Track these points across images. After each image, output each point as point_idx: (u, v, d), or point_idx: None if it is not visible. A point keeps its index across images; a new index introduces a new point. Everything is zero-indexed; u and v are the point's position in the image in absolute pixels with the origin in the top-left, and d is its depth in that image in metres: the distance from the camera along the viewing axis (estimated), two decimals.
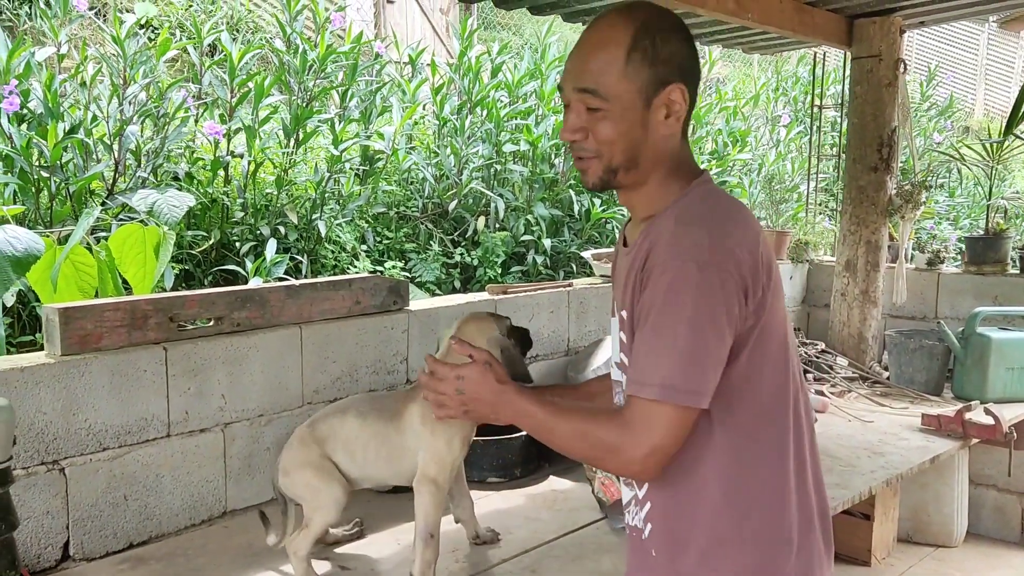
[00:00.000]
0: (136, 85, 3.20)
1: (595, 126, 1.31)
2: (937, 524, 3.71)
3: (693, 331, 1.21)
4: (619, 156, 1.32)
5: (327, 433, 1.88)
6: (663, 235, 1.27)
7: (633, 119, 1.30)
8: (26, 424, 1.85)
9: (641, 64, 1.28)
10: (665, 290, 1.22)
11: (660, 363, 1.22)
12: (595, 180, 1.35)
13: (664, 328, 1.22)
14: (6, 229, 2.18)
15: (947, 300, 3.98)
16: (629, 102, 1.29)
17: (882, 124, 3.72)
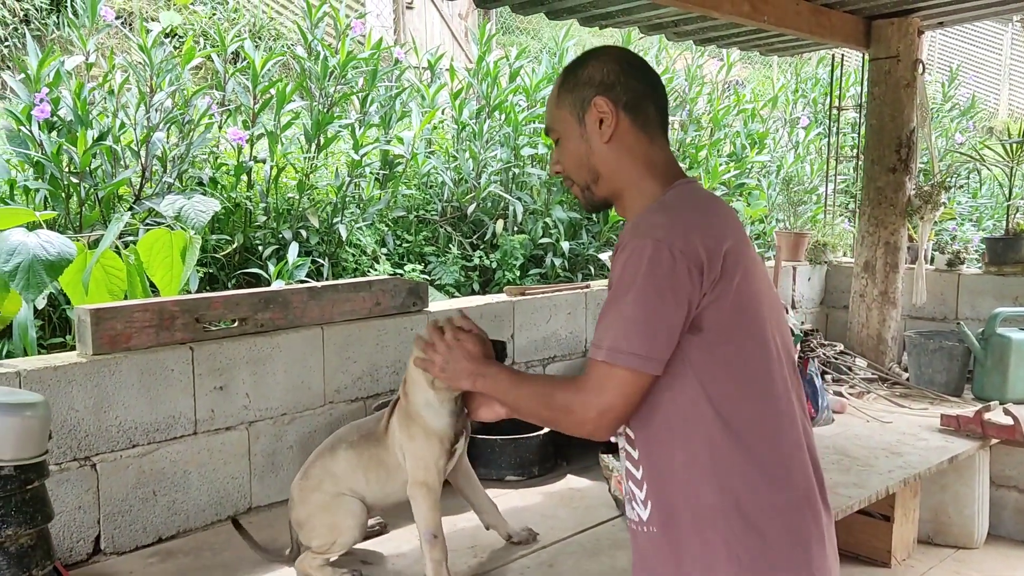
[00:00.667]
0: (162, 93, 3.27)
1: (560, 155, 1.55)
2: (958, 525, 3.70)
3: (642, 299, 1.31)
4: (582, 173, 1.52)
5: (323, 475, 1.89)
6: (631, 224, 1.40)
7: (575, 136, 1.50)
8: (59, 421, 1.91)
9: (566, 92, 1.51)
10: (622, 265, 1.34)
11: (610, 329, 1.34)
12: (583, 201, 1.57)
13: (617, 298, 1.34)
14: (39, 234, 2.25)
15: (967, 301, 3.97)
16: (568, 124, 1.51)
17: (900, 125, 3.73)
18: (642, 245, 1.32)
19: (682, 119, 5.28)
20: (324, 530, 1.86)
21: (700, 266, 1.32)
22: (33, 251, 2.17)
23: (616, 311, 1.34)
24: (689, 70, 5.39)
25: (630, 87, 1.48)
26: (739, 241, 1.40)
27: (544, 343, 3.05)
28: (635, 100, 1.47)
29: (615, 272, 1.36)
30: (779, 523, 1.37)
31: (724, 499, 1.35)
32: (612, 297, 1.35)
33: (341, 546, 1.86)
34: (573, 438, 2.48)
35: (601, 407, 1.35)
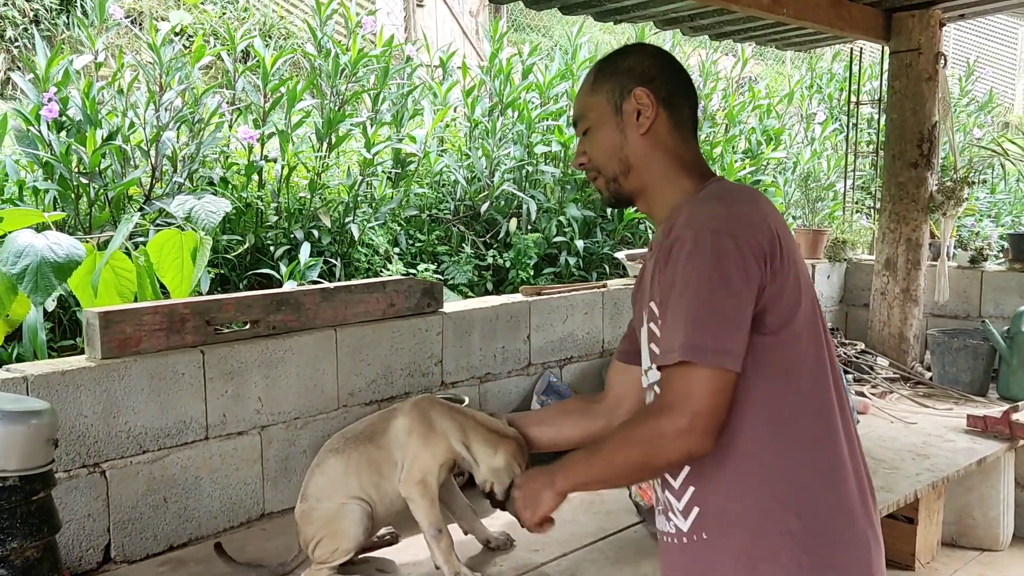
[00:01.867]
0: (172, 91, 3.23)
1: (588, 146, 1.50)
2: (983, 527, 3.62)
3: (714, 292, 1.24)
4: (613, 164, 1.47)
5: (318, 493, 1.85)
6: (680, 218, 1.33)
7: (610, 125, 1.47)
8: (67, 427, 1.87)
9: (603, 80, 1.48)
10: (684, 262, 1.27)
11: (682, 327, 1.25)
12: (607, 195, 1.52)
13: (685, 295, 1.26)
14: (48, 235, 2.21)
15: (991, 298, 3.89)
16: (602, 111, 1.47)
17: (922, 119, 3.65)
18: (704, 237, 1.26)
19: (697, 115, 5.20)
20: (326, 540, 1.82)
21: (764, 257, 1.27)
22: (41, 253, 2.13)
23: (686, 307, 1.25)
24: (703, 66, 5.32)
25: (669, 83, 1.46)
26: (788, 235, 1.36)
27: (561, 344, 2.99)
28: (672, 97, 1.46)
29: (676, 267, 1.27)
30: (836, 523, 1.32)
31: (779, 503, 1.30)
32: (678, 293, 1.27)
33: (343, 552, 1.81)
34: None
35: (692, 412, 1.24)
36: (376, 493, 1.85)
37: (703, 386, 1.24)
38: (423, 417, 1.83)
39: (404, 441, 1.83)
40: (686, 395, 1.24)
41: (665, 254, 1.31)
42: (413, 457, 1.82)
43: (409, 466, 1.82)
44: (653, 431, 1.28)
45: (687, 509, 1.37)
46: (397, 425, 1.85)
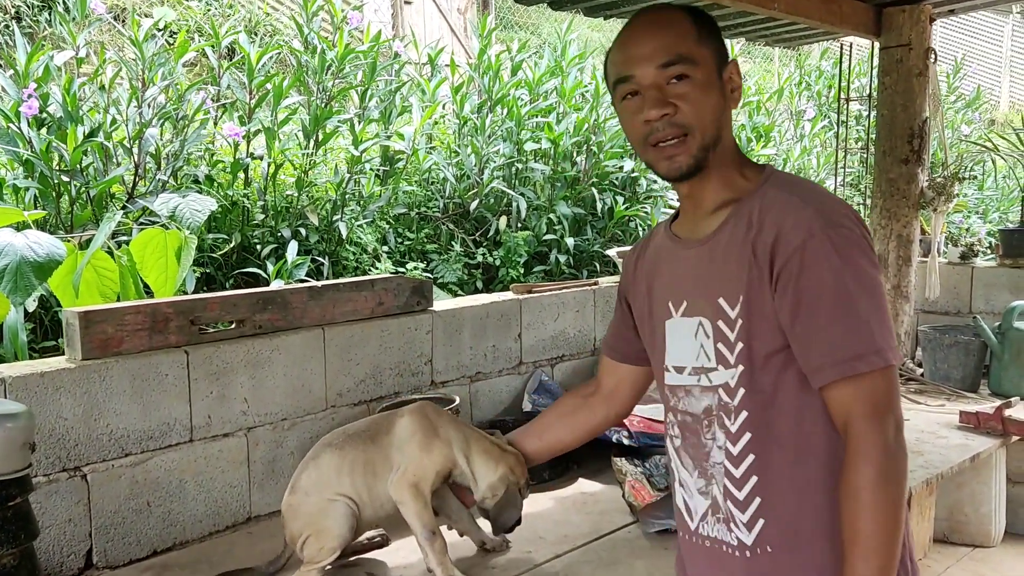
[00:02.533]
0: (155, 88, 3.18)
1: (685, 96, 1.27)
2: (974, 524, 3.61)
3: (873, 289, 1.21)
4: (710, 128, 1.30)
5: (309, 486, 1.82)
6: (790, 214, 1.24)
7: (715, 86, 1.30)
8: (47, 430, 1.82)
9: (709, 35, 1.31)
10: (840, 264, 1.19)
11: (863, 331, 1.19)
12: (689, 162, 1.30)
13: (851, 297, 1.19)
14: (27, 234, 2.15)
15: (981, 294, 3.88)
16: (710, 67, 1.30)
17: (913, 115, 3.64)
18: (844, 233, 1.21)
19: None
20: (312, 539, 1.78)
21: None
22: (21, 252, 2.08)
23: (858, 311, 1.19)
24: None
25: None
26: None
27: (552, 342, 2.96)
28: None
29: (829, 272, 1.19)
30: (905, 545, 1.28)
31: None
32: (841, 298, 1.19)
33: (329, 551, 1.78)
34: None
35: (895, 421, 1.20)
36: (367, 494, 1.81)
37: (893, 387, 1.21)
38: (428, 422, 1.81)
39: (404, 443, 1.80)
40: (888, 395, 1.20)
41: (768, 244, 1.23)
42: (410, 460, 1.78)
43: (404, 469, 1.78)
44: (888, 451, 1.18)
45: (752, 521, 1.30)
46: (400, 426, 1.82)
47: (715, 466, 1.33)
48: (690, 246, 1.36)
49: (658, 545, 2.03)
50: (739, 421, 1.29)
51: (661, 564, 1.93)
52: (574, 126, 4.34)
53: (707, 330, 1.31)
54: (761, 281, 1.24)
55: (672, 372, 1.39)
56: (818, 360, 1.21)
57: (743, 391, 1.28)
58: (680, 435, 1.39)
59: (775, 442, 1.27)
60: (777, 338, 1.25)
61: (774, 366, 1.26)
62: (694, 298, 1.33)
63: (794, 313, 1.22)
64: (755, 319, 1.26)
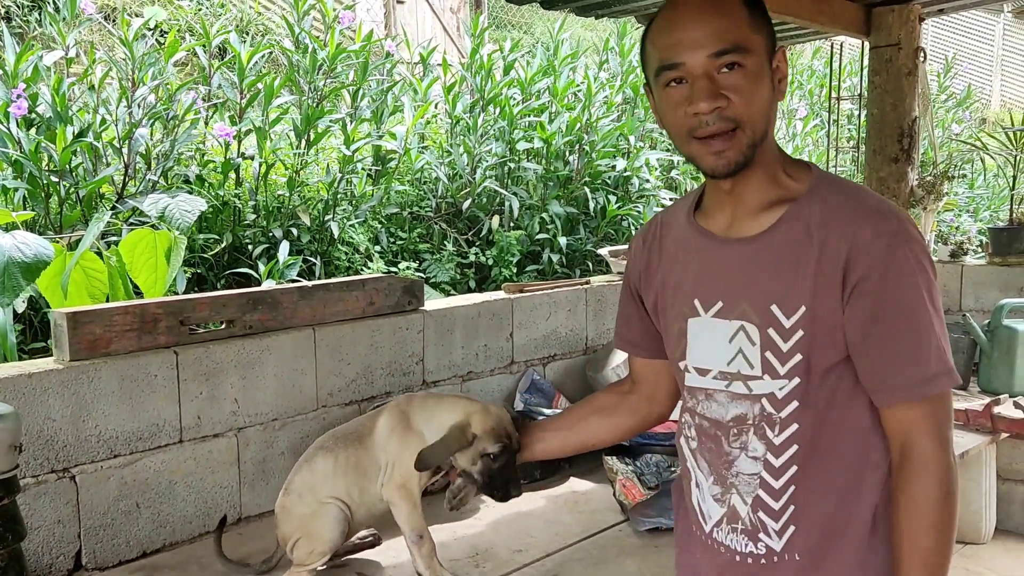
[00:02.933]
0: (145, 87, 3.17)
1: (737, 87, 1.17)
2: (964, 521, 3.62)
3: (941, 310, 1.19)
4: (760, 122, 1.20)
5: (302, 488, 1.82)
6: (866, 224, 1.18)
7: (766, 76, 1.19)
8: (35, 431, 1.82)
9: (761, 18, 1.20)
10: (919, 282, 1.16)
11: (938, 353, 1.16)
12: (738, 158, 1.19)
13: (928, 316, 1.16)
14: (15, 235, 2.15)
15: (971, 292, 3.89)
16: (763, 56, 1.19)
17: (902, 114, 3.65)
18: (920, 250, 1.17)
19: None
20: (303, 541, 1.78)
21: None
22: (8, 253, 2.07)
23: (928, 332, 1.16)
24: None
25: None
26: None
27: (544, 341, 2.96)
28: None
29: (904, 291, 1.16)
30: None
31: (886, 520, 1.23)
32: (913, 318, 1.17)
33: (319, 555, 1.78)
34: None
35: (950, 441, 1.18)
36: (359, 495, 1.81)
37: (951, 404, 1.20)
38: (401, 415, 1.80)
39: (386, 441, 1.80)
40: (951, 418, 1.19)
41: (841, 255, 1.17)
42: (394, 460, 1.78)
43: (391, 470, 1.79)
44: (952, 470, 1.18)
45: (783, 529, 1.26)
46: (379, 425, 1.82)
47: (742, 476, 1.27)
48: (730, 244, 1.26)
49: (648, 543, 2.04)
50: (786, 433, 1.24)
51: (651, 562, 1.94)
52: (566, 125, 4.34)
53: (752, 337, 1.23)
54: (830, 293, 1.18)
55: (693, 373, 1.31)
56: (890, 379, 1.18)
57: (796, 404, 1.23)
58: (697, 438, 1.33)
59: (820, 454, 1.24)
60: (840, 352, 1.21)
61: (831, 380, 1.22)
62: (735, 300, 1.25)
63: (866, 329, 1.18)
64: (819, 332, 1.19)
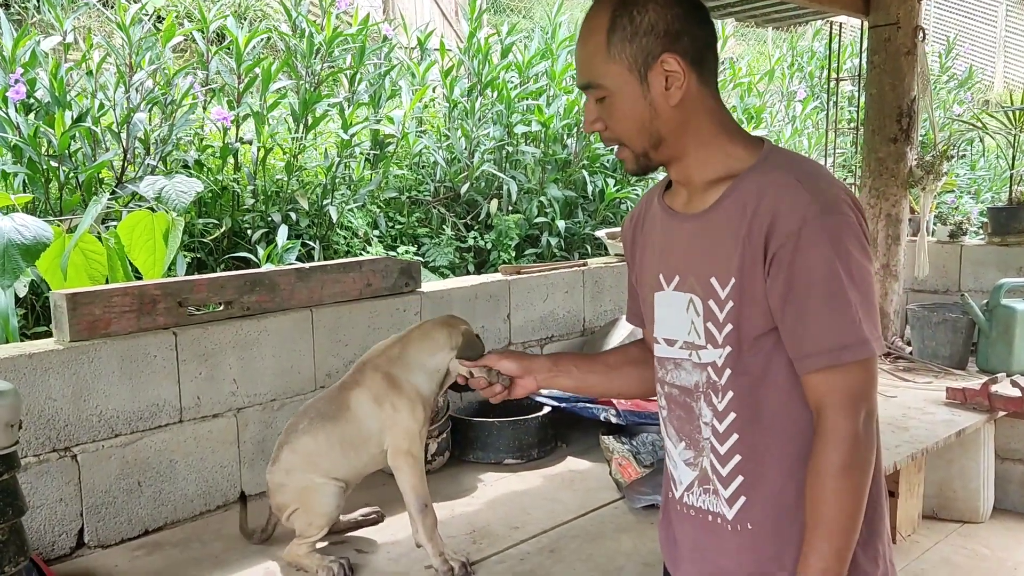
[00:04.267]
0: (142, 72, 3.17)
1: (606, 115, 1.31)
2: (963, 500, 3.64)
3: (861, 277, 1.20)
4: (639, 139, 1.30)
5: (289, 467, 1.82)
6: (787, 197, 1.22)
7: (634, 98, 1.28)
8: (36, 411, 1.84)
9: (622, 44, 1.27)
10: (832, 253, 1.19)
11: (852, 322, 1.19)
12: (633, 167, 1.34)
13: (841, 287, 1.19)
14: (14, 217, 2.16)
15: (970, 272, 3.90)
16: (623, 83, 1.28)
17: (901, 94, 3.64)
18: (839, 221, 1.20)
19: None
20: (300, 513, 1.80)
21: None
22: (8, 235, 2.08)
23: (846, 301, 1.19)
24: None
25: (695, 36, 1.27)
26: None
27: (541, 323, 2.98)
28: (699, 52, 1.28)
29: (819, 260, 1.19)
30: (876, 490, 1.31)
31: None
32: (832, 286, 1.19)
33: (318, 528, 1.80)
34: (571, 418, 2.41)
35: (867, 410, 1.21)
36: (349, 470, 1.82)
37: (873, 373, 1.23)
38: (384, 379, 1.78)
39: (372, 413, 1.78)
40: (866, 386, 1.22)
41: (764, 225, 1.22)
42: (392, 425, 1.77)
43: (392, 437, 1.78)
44: (856, 440, 1.20)
45: (733, 498, 1.32)
46: (355, 400, 1.80)
47: (703, 440, 1.34)
48: (684, 220, 1.34)
49: (644, 520, 2.06)
50: (725, 400, 1.30)
51: (647, 538, 1.96)
52: (564, 108, 4.34)
53: (697, 308, 1.31)
54: (754, 264, 1.24)
55: (663, 344, 1.38)
56: (805, 348, 1.22)
57: (729, 371, 1.29)
58: (667, 407, 1.40)
59: (760, 423, 1.29)
60: (767, 321, 1.25)
61: (763, 348, 1.27)
62: (686, 274, 1.32)
63: (784, 299, 1.22)
64: (746, 301, 1.25)
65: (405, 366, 1.79)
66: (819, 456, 1.22)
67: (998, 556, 3.46)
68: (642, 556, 1.87)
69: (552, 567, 1.84)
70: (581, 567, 1.84)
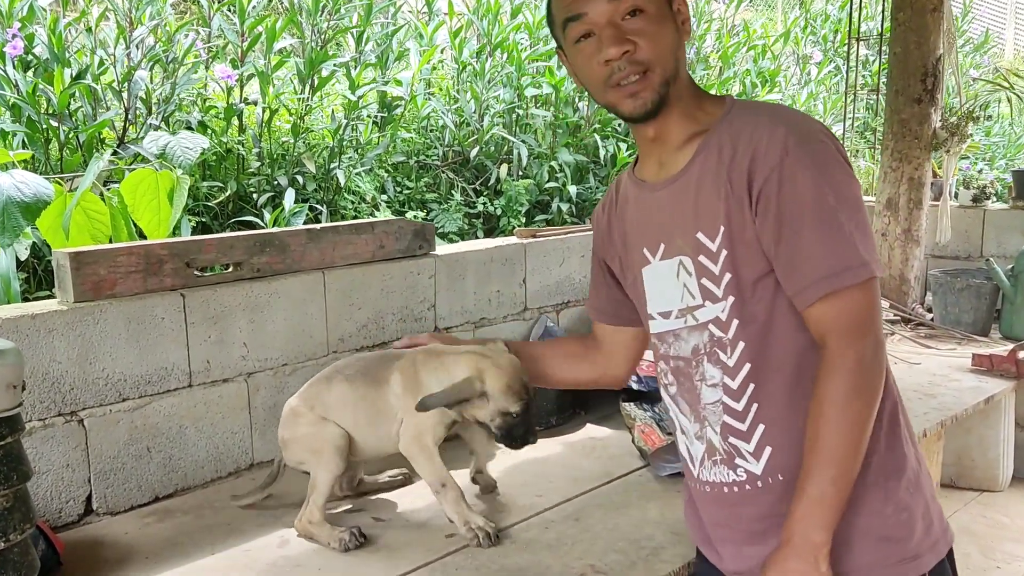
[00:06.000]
0: (143, 28, 3.06)
1: (641, 31, 1.23)
2: (982, 468, 3.60)
3: (857, 203, 1.18)
4: (670, 61, 1.26)
5: (314, 400, 1.80)
6: (763, 134, 1.20)
7: (668, 17, 1.26)
8: (40, 373, 1.76)
9: None
10: (818, 178, 1.17)
11: (848, 245, 1.16)
12: (653, 97, 1.26)
13: (832, 211, 1.16)
14: (13, 174, 2.07)
15: (993, 237, 3.82)
16: (662, 1, 1.26)
17: (926, 53, 3.53)
18: (819, 148, 1.18)
19: (690, 58, 5.06)
20: (306, 453, 1.77)
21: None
22: (7, 192, 2.00)
23: (840, 225, 1.16)
24: (696, 6, 5.15)
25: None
26: None
27: (557, 288, 2.89)
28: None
29: (806, 187, 1.17)
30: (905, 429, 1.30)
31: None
32: (822, 212, 1.16)
33: (324, 481, 1.74)
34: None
35: (876, 338, 1.19)
36: (368, 432, 1.78)
37: (875, 297, 1.19)
38: (412, 369, 1.75)
39: (400, 396, 1.75)
40: (870, 311, 1.18)
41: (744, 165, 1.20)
42: (408, 415, 1.73)
43: (406, 425, 1.75)
44: (863, 367, 1.17)
45: (759, 451, 1.28)
46: (393, 379, 1.77)
47: (707, 407, 1.31)
48: (660, 187, 1.32)
49: (671, 488, 1.99)
50: (737, 353, 1.26)
51: (674, 506, 1.89)
52: None
53: (688, 268, 1.28)
54: (741, 207, 1.21)
55: (658, 319, 1.36)
56: (803, 280, 1.18)
57: (737, 322, 1.25)
58: (675, 382, 1.37)
59: (773, 368, 1.25)
60: (763, 263, 1.23)
61: (765, 292, 1.24)
62: (672, 238, 1.30)
63: (776, 235, 1.19)
64: (738, 247, 1.23)
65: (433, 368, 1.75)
66: (823, 383, 1.18)
67: (1018, 524, 3.42)
68: (670, 525, 1.81)
69: (578, 536, 1.77)
70: (608, 536, 1.77)
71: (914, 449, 1.32)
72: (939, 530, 1.29)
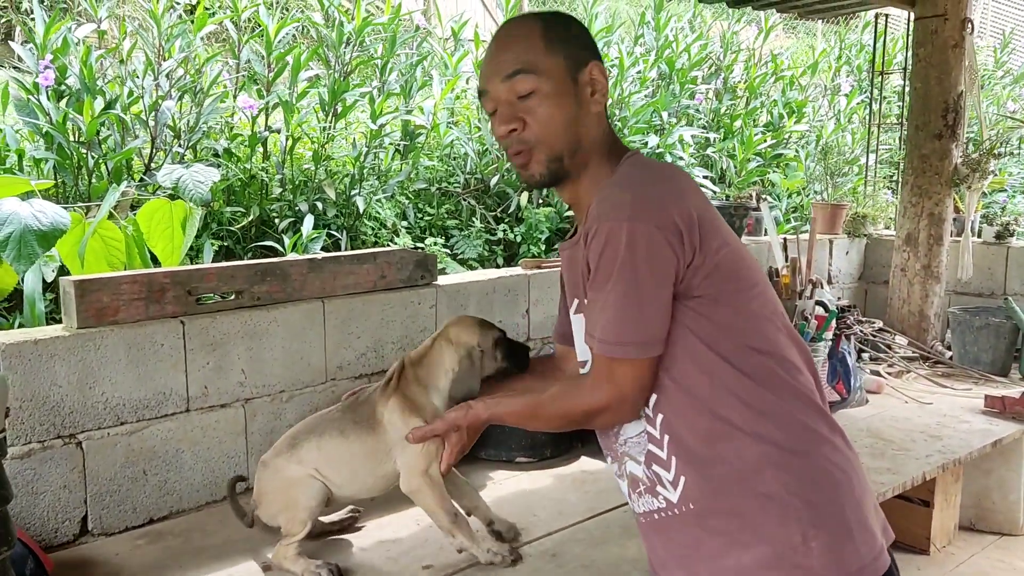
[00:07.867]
0: (172, 60, 3.19)
1: (532, 110, 1.33)
2: (1002, 511, 3.50)
3: (627, 286, 1.23)
4: (562, 138, 1.34)
5: (308, 458, 1.76)
6: (592, 207, 1.29)
7: (566, 94, 1.33)
8: (41, 397, 1.84)
9: (558, 43, 1.33)
10: (599, 254, 1.24)
11: (600, 321, 1.27)
12: (541, 171, 1.36)
13: (601, 287, 1.26)
14: (33, 203, 2.18)
15: (1017, 275, 3.74)
16: (559, 76, 1.32)
17: (947, 88, 3.50)
18: (615, 228, 1.23)
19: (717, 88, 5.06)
20: (287, 511, 1.74)
21: (679, 236, 1.23)
22: (25, 221, 2.10)
23: (603, 302, 1.27)
24: (724, 36, 5.17)
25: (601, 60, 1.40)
26: (707, 206, 1.32)
27: None
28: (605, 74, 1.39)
29: (592, 261, 1.27)
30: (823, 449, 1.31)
31: (766, 446, 1.27)
32: (595, 287, 1.27)
33: (302, 522, 1.73)
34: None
35: (618, 397, 1.30)
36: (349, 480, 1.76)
37: (628, 376, 1.28)
38: (402, 398, 1.73)
39: (398, 424, 1.72)
40: (616, 383, 1.29)
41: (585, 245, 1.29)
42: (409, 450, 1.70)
43: (410, 458, 1.71)
44: (581, 404, 1.35)
45: (676, 479, 1.32)
46: (386, 417, 1.74)
47: (628, 442, 1.38)
48: (569, 247, 1.44)
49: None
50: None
51: None
52: None
53: (579, 327, 1.41)
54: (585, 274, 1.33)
55: (584, 367, 1.46)
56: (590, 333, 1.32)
57: None
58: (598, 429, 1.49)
59: (674, 405, 1.32)
60: None
61: None
62: (579, 298, 1.41)
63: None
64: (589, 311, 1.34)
65: (421, 382, 1.75)
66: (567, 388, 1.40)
67: None
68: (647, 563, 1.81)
69: (553, 571, 1.79)
70: (582, 573, 1.79)
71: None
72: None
